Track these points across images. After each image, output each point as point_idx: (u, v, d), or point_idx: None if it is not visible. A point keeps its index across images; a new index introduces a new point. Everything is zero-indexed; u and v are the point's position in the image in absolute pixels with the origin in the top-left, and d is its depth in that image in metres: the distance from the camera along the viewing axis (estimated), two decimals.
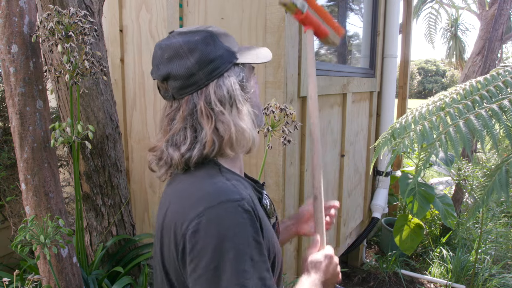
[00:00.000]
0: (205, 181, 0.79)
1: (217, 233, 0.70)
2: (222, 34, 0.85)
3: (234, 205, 0.72)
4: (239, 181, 0.82)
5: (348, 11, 3.06)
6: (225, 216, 0.71)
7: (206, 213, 0.72)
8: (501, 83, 0.89)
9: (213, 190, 0.76)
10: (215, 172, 0.82)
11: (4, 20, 1.38)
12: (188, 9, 1.99)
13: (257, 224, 0.74)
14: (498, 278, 2.82)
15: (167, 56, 0.82)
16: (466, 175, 3.10)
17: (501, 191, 0.85)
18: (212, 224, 0.71)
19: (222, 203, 0.72)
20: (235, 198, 0.74)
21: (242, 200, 0.74)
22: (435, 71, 35.66)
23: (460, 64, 8.79)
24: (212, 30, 0.84)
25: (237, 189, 0.76)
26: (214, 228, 0.70)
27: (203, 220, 0.71)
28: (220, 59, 0.82)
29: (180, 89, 0.82)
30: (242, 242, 0.70)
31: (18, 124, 1.42)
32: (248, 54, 0.88)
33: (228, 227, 0.70)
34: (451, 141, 0.85)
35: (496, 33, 3.28)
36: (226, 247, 0.69)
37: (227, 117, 0.80)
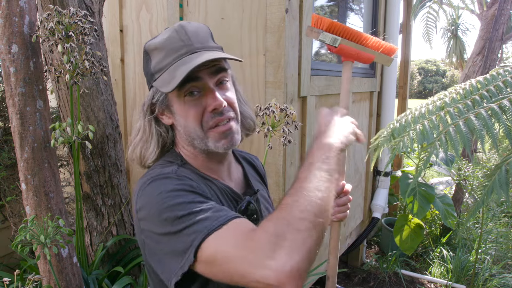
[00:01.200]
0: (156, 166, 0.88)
1: (149, 200, 0.75)
2: (155, 49, 0.85)
3: (163, 176, 0.79)
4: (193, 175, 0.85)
5: (348, 11, 3.06)
6: (154, 184, 0.77)
7: (143, 188, 0.79)
8: (501, 83, 0.89)
9: (155, 172, 0.82)
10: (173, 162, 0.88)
11: (4, 20, 1.38)
12: (189, 9, 2.00)
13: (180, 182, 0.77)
14: (498, 278, 2.82)
15: None
16: (466, 175, 3.10)
17: (501, 191, 0.85)
18: (145, 195, 0.77)
19: (153, 179, 0.79)
20: (165, 172, 0.80)
21: (172, 172, 0.80)
22: (435, 71, 35.66)
23: (460, 64, 8.79)
24: (147, 46, 0.87)
25: (175, 172, 0.81)
26: (147, 198, 0.77)
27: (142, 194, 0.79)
28: (146, 77, 0.91)
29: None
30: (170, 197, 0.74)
31: (18, 124, 1.42)
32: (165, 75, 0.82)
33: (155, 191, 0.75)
34: (451, 141, 0.85)
35: (496, 33, 3.28)
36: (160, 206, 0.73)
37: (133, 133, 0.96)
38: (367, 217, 3.29)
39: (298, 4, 1.83)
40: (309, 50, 1.97)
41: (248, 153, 1.17)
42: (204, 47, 0.83)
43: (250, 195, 0.97)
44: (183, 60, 0.81)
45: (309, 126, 2.03)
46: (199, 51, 0.82)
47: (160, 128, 0.90)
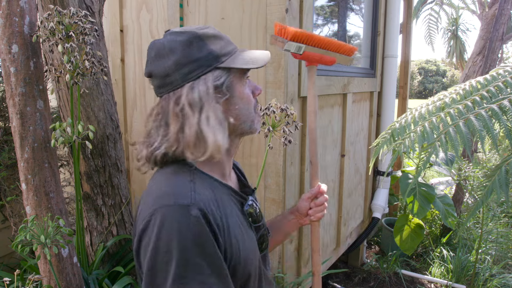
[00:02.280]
0: (166, 180, 0.82)
1: (158, 234, 0.72)
2: (212, 36, 0.84)
3: (179, 209, 0.73)
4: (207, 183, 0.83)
5: (348, 11, 3.06)
6: (168, 219, 0.72)
7: (154, 213, 0.74)
8: (501, 83, 0.89)
9: (167, 191, 0.77)
10: (183, 172, 0.83)
11: (4, 20, 1.38)
12: (189, 9, 2.00)
13: (206, 228, 0.73)
14: (498, 278, 2.82)
15: (152, 55, 0.84)
16: (466, 175, 3.10)
17: (500, 191, 0.85)
18: (156, 225, 0.73)
19: (169, 206, 0.74)
20: (183, 202, 0.74)
21: (191, 205, 0.74)
22: (436, 71, 35.66)
23: (460, 64, 8.78)
24: (199, 32, 0.83)
25: (191, 193, 0.76)
26: (157, 230, 0.72)
27: (151, 219, 0.74)
28: (198, 62, 0.82)
29: (158, 88, 0.85)
30: (179, 247, 0.71)
31: (18, 124, 1.42)
32: (239, 58, 0.86)
33: (168, 231, 0.71)
34: (451, 142, 0.85)
35: (496, 33, 3.28)
36: (163, 249, 0.71)
37: (193, 120, 0.80)
38: (367, 217, 3.29)
39: (298, 4, 1.83)
40: None
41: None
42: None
43: (249, 194, 0.98)
44: (243, 50, 0.88)
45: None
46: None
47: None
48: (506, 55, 8.78)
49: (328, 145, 2.37)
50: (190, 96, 0.80)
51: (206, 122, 0.80)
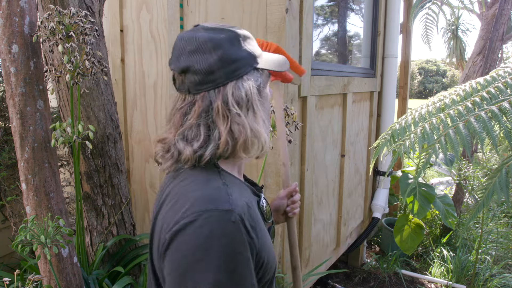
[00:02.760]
0: (201, 184, 0.78)
1: (194, 239, 0.69)
2: (247, 37, 0.85)
3: (220, 215, 0.71)
4: (237, 186, 0.81)
5: (348, 11, 3.06)
6: (206, 225, 0.70)
7: (190, 217, 0.71)
8: (501, 85, 0.89)
9: (205, 195, 0.74)
10: (213, 174, 0.80)
11: (4, 20, 1.38)
12: (189, 9, 2.00)
13: (244, 237, 0.72)
14: (498, 278, 2.82)
15: (189, 49, 0.80)
16: (466, 175, 3.10)
17: (501, 193, 0.85)
18: (192, 229, 0.70)
19: (208, 211, 0.71)
20: (224, 207, 0.72)
21: (231, 210, 0.72)
22: (436, 71, 35.66)
23: (460, 64, 8.78)
24: (237, 31, 0.83)
25: (229, 197, 0.74)
26: (193, 234, 0.70)
27: (187, 223, 0.71)
28: (242, 61, 0.81)
29: (197, 84, 0.80)
30: (219, 254, 0.69)
31: (18, 124, 1.42)
32: (268, 60, 0.87)
33: (206, 236, 0.69)
34: (451, 144, 0.85)
35: (496, 33, 3.28)
36: (198, 255, 0.69)
37: (243, 119, 0.79)
38: (368, 217, 3.30)
39: (298, 4, 1.83)
40: (309, 50, 1.97)
41: None
42: None
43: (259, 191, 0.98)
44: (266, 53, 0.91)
45: (310, 126, 2.03)
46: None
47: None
48: (506, 55, 8.78)
49: (328, 145, 2.37)
50: (236, 94, 0.79)
51: (255, 121, 0.81)
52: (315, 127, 2.14)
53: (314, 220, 2.27)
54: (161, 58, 2.17)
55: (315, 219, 2.30)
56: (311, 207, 2.19)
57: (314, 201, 2.25)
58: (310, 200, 2.15)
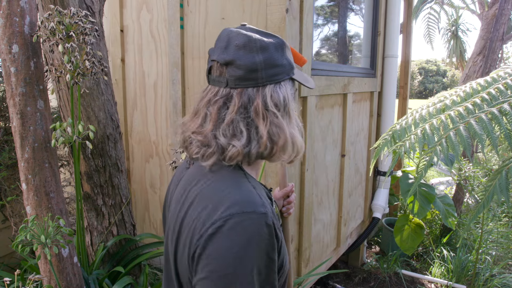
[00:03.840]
0: (232, 185, 0.77)
1: (235, 241, 0.69)
2: (288, 47, 0.88)
3: (258, 218, 0.72)
4: (261, 189, 0.82)
5: (348, 11, 3.06)
6: (247, 227, 0.70)
7: (229, 219, 0.71)
8: (501, 86, 0.89)
9: (241, 197, 0.74)
10: (241, 177, 0.80)
11: (5, 20, 1.38)
12: (189, 9, 2.00)
13: (274, 240, 0.73)
14: (499, 278, 2.82)
15: (237, 43, 0.81)
16: (466, 175, 3.10)
17: (501, 195, 0.85)
18: (233, 231, 0.70)
19: (247, 213, 0.71)
20: (261, 211, 0.73)
21: (266, 214, 0.73)
22: (436, 71, 35.66)
23: (461, 64, 8.78)
24: (283, 41, 0.86)
25: (262, 201, 0.75)
26: (233, 236, 0.70)
27: (224, 225, 0.70)
28: (282, 68, 0.83)
29: (238, 79, 0.80)
30: (256, 256, 0.70)
31: (19, 124, 1.42)
32: (300, 74, 0.90)
33: (247, 239, 0.69)
34: (451, 145, 0.85)
35: (497, 33, 3.28)
36: (239, 258, 0.69)
37: (281, 122, 0.81)
38: (368, 217, 3.30)
39: (298, 4, 1.83)
40: (309, 50, 1.97)
41: None
42: None
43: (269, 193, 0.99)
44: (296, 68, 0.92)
45: (310, 126, 2.03)
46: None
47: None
48: (506, 55, 8.78)
49: (328, 145, 2.37)
50: (275, 97, 0.81)
51: (293, 126, 0.84)
52: (315, 127, 2.14)
53: (314, 220, 2.27)
54: (161, 58, 2.17)
55: (315, 219, 2.30)
56: (311, 207, 2.19)
57: (314, 201, 2.25)
58: (310, 200, 2.15)
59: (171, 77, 2.09)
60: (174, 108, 2.12)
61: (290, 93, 0.84)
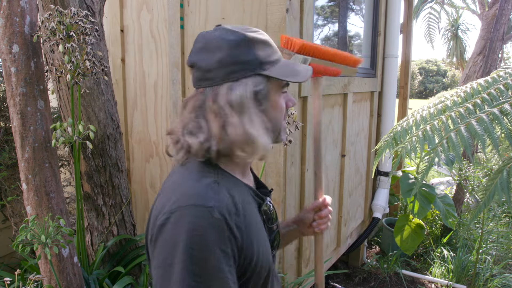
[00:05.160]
0: (191, 179, 0.81)
1: (178, 232, 0.72)
2: (261, 42, 0.85)
3: (203, 211, 0.73)
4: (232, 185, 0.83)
5: (349, 11, 3.06)
6: (190, 219, 0.73)
7: (176, 211, 0.74)
8: (501, 86, 0.89)
9: (192, 190, 0.77)
10: (210, 172, 0.83)
11: (5, 20, 1.38)
12: (189, 9, 2.00)
13: (224, 233, 0.74)
14: (499, 278, 2.82)
15: (198, 46, 0.85)
16: (467, 175, 3.10)
17: (502, 194, 0.85)
18: (177, 223, 0.73)
19: (192, 206, 0.74)
20: (207, 204, 0.74)
21: (214, 207, 0.74)
22: (436, 71, 35.65)
23: (461, 64, 8.78)
24: (249, 36, 0.84)
25: (215, 196, 0.77)
26: (178, 228, 0.73)
27: (172, 216, 0.74)
28: (242, 65, 0.82)
29: (197, 80, 0.85)
30: (199, 248, 0.71)
31: (19, 124, 1.42)
32: (282, 68, 0.87)
33: (190, 230, 0.72)
34: (452, 147, 0.85)
35: (497, 33, 3.28)
36: (183, 249, 0.71)
37: (236, 121, 0.81)
38: (368, 217, 3.29)
39: (298, 4, 1.83)
40: None
41: None
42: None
43: (266, 194, 0.98)
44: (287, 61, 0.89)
45: (310, 126, 2.03)
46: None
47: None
48: (506, 55, 8.78)
49: (328, 145, 2.37)
50: (229, 96, 0.81)
51: (251, 125, 0.82)
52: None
53: None
54: (162, 58, 2.17)
55: None
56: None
57: None
58: (310, 200, 2.15)
59: (171, 77, 2.09)
60: (174, 108, 2.12)
61: (251, 90, 0.82)
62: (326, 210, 1.14)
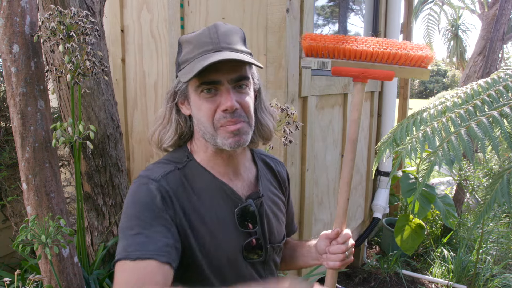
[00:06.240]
0: (160, 161, 0.97)
1: (127, 199, 0.89)
2: (185, 41, 0.92)
3: (143, 181, 0.89)
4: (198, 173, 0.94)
5: (349, 11, 3.06)
6: (133, 188, 0.89)
7: (134, 181, 0.91)
8: (501, 88, 0.89)
9: (150, 168, 0.94)
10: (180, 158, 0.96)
11: (5, 20, 1.38)
12: (190, 9, 1.99)
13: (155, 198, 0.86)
14: (499, 278, 2.82)
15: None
16: (467, 175, 3.10)
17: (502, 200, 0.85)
18: (129, 191, 0.90)
19: (139, 177, 0.91)
20: (150, 177, 0.89)
21: (154, 180, 0.88)
22: (436, 71, 35.64)
23: (461, 64, 8.77)
24: (182, 38, 0.93)
25: (163, 174, 0.90)
26: (128, 195, 0.90)
27: (132, 184, 0.91)
28: (176, 65, 0.96)
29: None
30: (132, 206, 0.86)
31: (19, 124, 1.42)
32: (192, 67, 0.85)
33: (130, 194, 0.88)
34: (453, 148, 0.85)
35: (497, 33, 3.28)
36: (124, 208, 0.88)
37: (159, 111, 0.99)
38: (368, 217, 3.29)
39: (299, 4, 1.83)
40: None
41: (273, 158, 1.15)
42: (230, 48, 0.86)
43: (254, 198, 0.97)
44: (206, 56, 0.85)
45: (310, 126, 2.03)
46: (223, 50, 0.85)
47: (180, 117, 0.96)
48: (506, 55, 8.78)
49: (328, 145, 2.37)
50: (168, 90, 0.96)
51: (158, 117, 0.98)
52: (315, 127, 2.13)
53: (314, 220, 2.27)
54: (162, 58, 2.17)
55: (316, 219, 2.30)
56: (312, 207, 2.19)
57: (315, 201, 2.25)
58: (310, 200, 2.15)
59: (172, 77, 2.09)
60: None
61: (170, 89, 0.94)
62: (336, 247, 1.01)
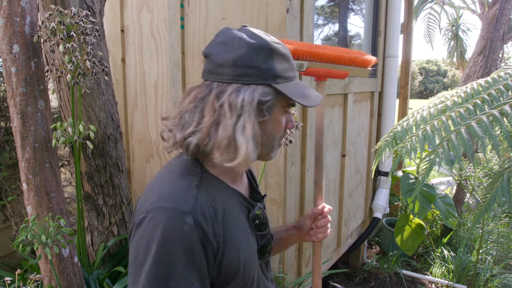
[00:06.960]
0: (173, 180, 0.81)
1: (150, 234, 0.73)
2: (280, 55, 0.83)
3: (175, 215, 0.74)
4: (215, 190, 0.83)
5: (349, 11, 3.06)
6: (162, 222, 0.73)
7: (151, 212, 0.75)
8: (502, 86, 0.89)
9: (169, 192, 0.78)
10: (193, 174, 0.83)
11: (5, 20, 1.38)
12: (190, 9, 2.00)
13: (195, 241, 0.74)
14: (499, 278, 2.82)
15: (218, 40, 0.83)
16: (467, 175, 3.10)
17: (503, 199, 0.85)
18: (150, 224, 0.74)
19: (165, 209, 0.74)
20: (182, 209, 0.74)
21: (188, 213, 0.74)
22: (437, 71, 35.64)
23: (461, 64, 8.77)
24: (272, 45, 0.82)
25: (191, 199, 0.76)
26: (150, 230, 0.73)
27: (146, 217, 0.75)
28: (256, 71, 0.80)
29: (207, 72, 0.83)
30: (167, 252, 0.72)
31: (19, 124, 1.42)
32: (293, 87, 0.85)
33: (161, 234, 0.72)
34: (453, 148, 0.85)
35: (497, 33, 3.28)
36: (152, 251, 0.72)
37: (229, 122, 0.78)
38: (368, 217, 3.29)
39: (299, 4, 1.83)
40: None
41: None
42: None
43: (258, 200, 0.97)
44: (300, 83, 0.88)
45: (310, 126, 2.03)
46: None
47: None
48: (506, 55, 8.77)
49: (329, 145, 2.37)
50: (233, 97, 0.79)
51: (242, 131, 0.79)
52: (316, 127, 2.13)
53: None
54: (162, 58, 2.17)
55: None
56: (312, 207, 2.19)
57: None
58: (310, 200, 2.15)
59: (172, 77, 2.09)
60: (174, 108, 2.12)
61: (255, 98, 0.79)
62: (323, 220, 1.13)
